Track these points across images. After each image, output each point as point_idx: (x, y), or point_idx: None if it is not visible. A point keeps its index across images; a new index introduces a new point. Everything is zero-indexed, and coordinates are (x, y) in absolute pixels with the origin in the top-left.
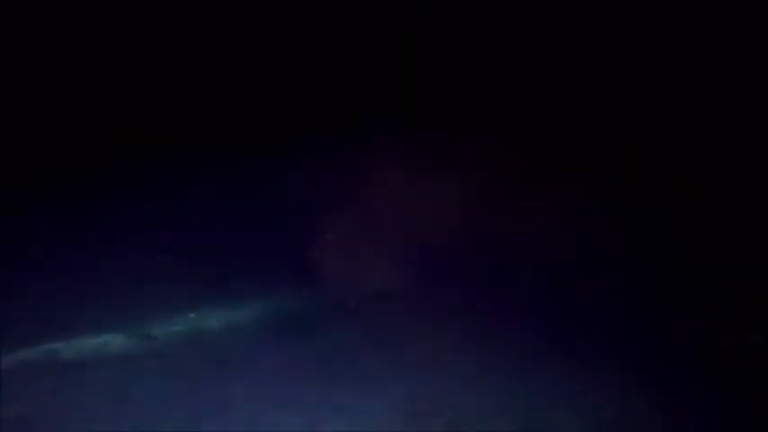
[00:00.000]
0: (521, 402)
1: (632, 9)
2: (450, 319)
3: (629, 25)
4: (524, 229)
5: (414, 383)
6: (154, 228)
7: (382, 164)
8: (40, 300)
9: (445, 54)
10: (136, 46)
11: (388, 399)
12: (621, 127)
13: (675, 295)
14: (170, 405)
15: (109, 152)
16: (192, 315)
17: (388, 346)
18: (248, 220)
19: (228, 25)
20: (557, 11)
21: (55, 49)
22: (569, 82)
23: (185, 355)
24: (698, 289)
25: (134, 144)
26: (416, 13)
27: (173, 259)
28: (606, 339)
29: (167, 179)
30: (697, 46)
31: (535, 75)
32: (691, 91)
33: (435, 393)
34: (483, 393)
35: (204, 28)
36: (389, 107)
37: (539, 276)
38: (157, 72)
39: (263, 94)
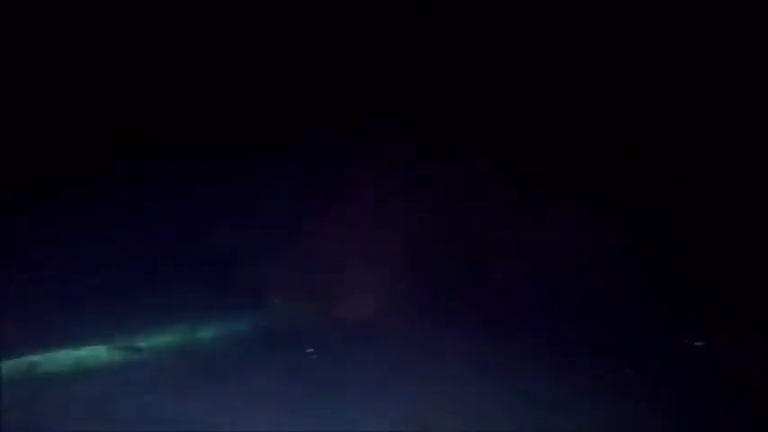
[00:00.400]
0: (521, 403)
1: (632, 9)
2: (450, 321)
3: (629, 25)
4: (525, 229)
5: (413, 386)
6: (142, 234)
7: (382, 164)
8: (20, 309)
9: (445, 54)
10: (136, 46)
11: (388, 402)
12: (621, 127)
13: (676, 295)
14: (156, 418)
15: (91, 156)
16: (182, 325)
17: (387, 350)
18: (241, 227)
19: (228, 25)
20: (556, 11)
21: (55, 50)
22: (570, 82)
23: (173, 366)
24: (698, 289)
25: (123, 145)
26: (416, 13)
27: (161, 267)
28: (606, 340)
29: (158, 183)
30: (697, 46)
31: (535, 75)
32: (691, 91)
33: (435, 395)
34: (483, 394)
35: (204, 28)
36: (389, 107)
37: (539, 277)
38: (157, 72)
39: (262, 95)
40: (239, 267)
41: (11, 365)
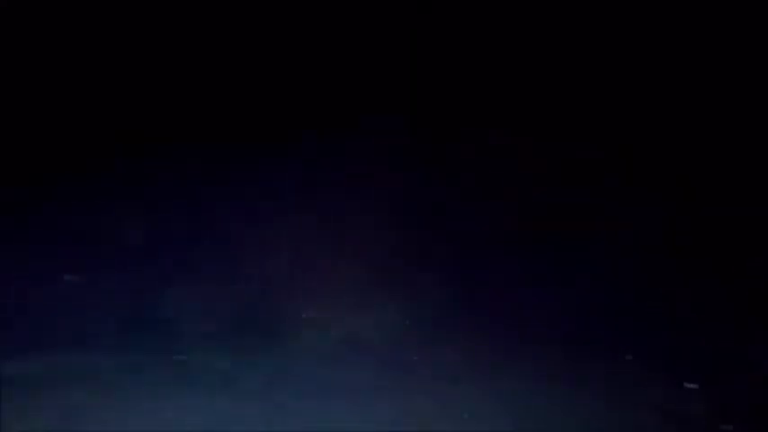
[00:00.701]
0: (520, 402)
1: (632, 9)
2: (448, 321)
3: (629, 25)
4: (525, 228)
5: (412, 385)
6: (132, 236)
7: (382, 164)
8: None
9: (445, 54)
10: (136, 46)
11: (387, 402)
12: (621, 127)
13: (676, 295)
14: (139, 420)
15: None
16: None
17: (383, 349)
18: (235, 227)
19: (229, 26)
20: (556, 11)
21: (55, 49)
22: (570, 82)
23: (156, 368)
24: (698, 289)
25: (124, 145)
26: (416, 13)
27: (145, 267)
28: (606, 340)
29: (157, 186)
30: (697, 46)
31: (535, 75)
32: (691, 91)
33: (434, 395)
34: (483, 394)
35: (205, 28)
36: (389, 107)
37: (538, 277)
38: (157, 72)
39: (262, 95)
40: (229, 266)
41: None
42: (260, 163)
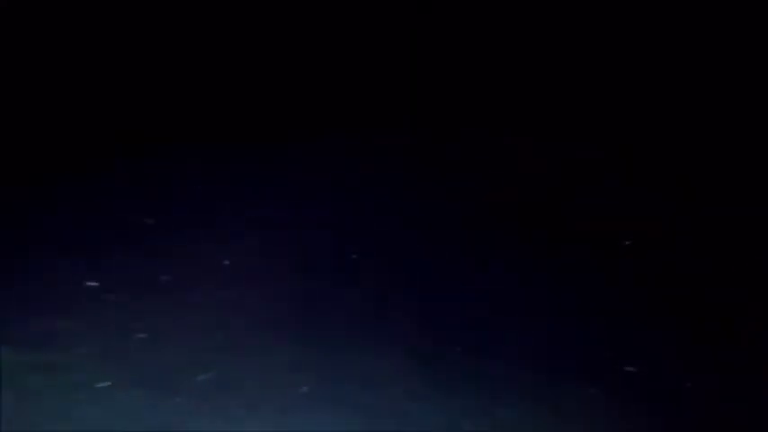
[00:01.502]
0: (519, 404)
1: (632, 9)
2: (446, 321)
3: (629, 25)
4: (525, 228)
5: (407, 384)
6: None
7: (382, 165)
8: None
9: (445, 54)
10: (136, 46)
11: (379, 401)
12: (621, 127)
13: (675, 295)
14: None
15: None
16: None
17: (374, 346)
18: (232, 227)
19: (229, 26)
20: (556, 11)
21: (55, 50)
22: (570, 82)
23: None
24: (698, 289)
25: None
26: (416, 13)
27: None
28: (603, 340)
29: (156, 187)
30: (697, 46)
31: (536, 75)
32: (691, 91)
33: (428, 395)
34: (471, 394)
35: (204, 28)
36: (389, 107)
37: (537, 278)
38: (157, 72)
39: (261, 95)
40: (224, 266)
41: None
42: (258, 163)
